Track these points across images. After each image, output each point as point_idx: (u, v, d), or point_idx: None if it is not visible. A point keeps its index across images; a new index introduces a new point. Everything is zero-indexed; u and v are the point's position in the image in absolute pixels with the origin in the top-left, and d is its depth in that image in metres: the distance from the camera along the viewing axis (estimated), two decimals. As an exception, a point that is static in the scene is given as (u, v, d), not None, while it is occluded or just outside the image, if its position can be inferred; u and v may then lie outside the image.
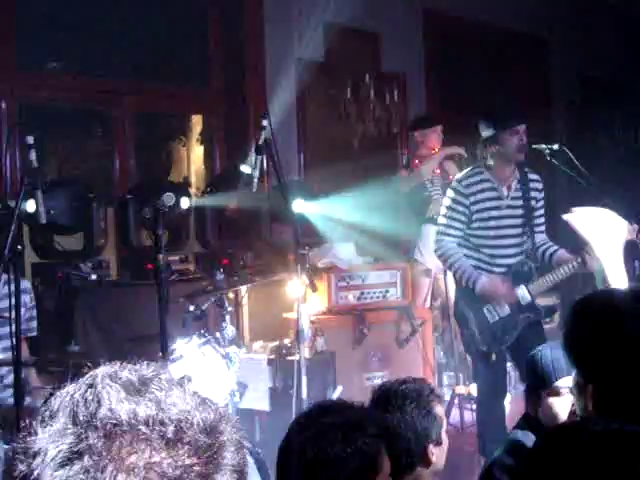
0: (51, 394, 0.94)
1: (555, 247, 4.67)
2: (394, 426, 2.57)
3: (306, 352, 5.24)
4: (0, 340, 3.96)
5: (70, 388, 0.91)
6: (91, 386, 0.91)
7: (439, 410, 2.78)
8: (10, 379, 3.72)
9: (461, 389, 5.79)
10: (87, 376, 0.93)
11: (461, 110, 7.37)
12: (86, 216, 5.00)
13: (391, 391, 2.74)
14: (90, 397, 0.89)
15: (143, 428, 0.87)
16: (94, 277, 5.02)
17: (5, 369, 3.90)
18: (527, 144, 4.53)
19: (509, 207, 4.61)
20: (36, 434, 0.88)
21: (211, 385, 4.19)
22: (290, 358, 5.24)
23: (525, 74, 8.22)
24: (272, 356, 5.43)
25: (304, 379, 4.53)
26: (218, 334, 4.52)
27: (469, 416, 5.43)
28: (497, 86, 7.77)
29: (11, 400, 3.58)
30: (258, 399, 5.10)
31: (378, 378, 5.54)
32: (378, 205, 6.76)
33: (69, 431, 0.87)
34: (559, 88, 8.47)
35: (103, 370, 0.94)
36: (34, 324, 4.15)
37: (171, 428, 0.88)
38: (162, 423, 0.88)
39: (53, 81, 5.68)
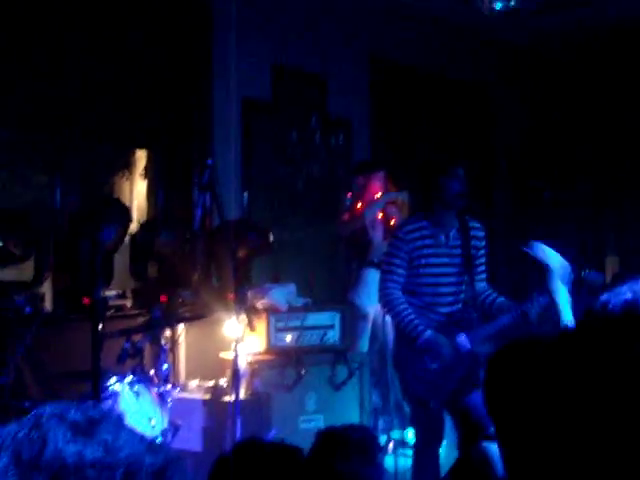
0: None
1: (496, 295, 4.70)
2: (340, 474, 2.57)
3: (242, 393, 5.21)
4: None
5: (13, 427, 0.88)
6: (36, 426, 0.88)
7: (381, 460, 2.78)
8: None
9: (396, 434, 5.79)
10: (31, 415, 0.90)
11: (405, 156, 7.47)
12: (36, 248, 4.92)
13: (336, 439, 2.72)
14: (35, 437, 0.86)
15: (90, 471, 0.84)
16: (28, 310, 4.91)
17: None
18: (467, 190, 4.57)
19: (447, 255, 4.63)
20: None
21: (143, 424, 4.11)
22: (225, 399, 5.18)
23: (469, 122, 8.38)
24: (207, 396, 5.37)
25: (238, 420, 4.50)
26: (153, 372, 4.46)
27: (403, 462, 5.42)
28: (441, 133, 7.90)
29: None
30: (191, 439, 5.03)
31: (314, 421, 5.51)
32: (319, 247, 6.79)
33: (11, 472, 0.84)
34: (502, 136, 8.65)
35: (49, 409, 0.91)
36: None
37: (119, 472, 0.86)
38: (110, 467, 0.85)
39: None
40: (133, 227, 6.54)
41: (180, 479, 0.91)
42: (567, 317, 3.23)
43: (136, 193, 6.63)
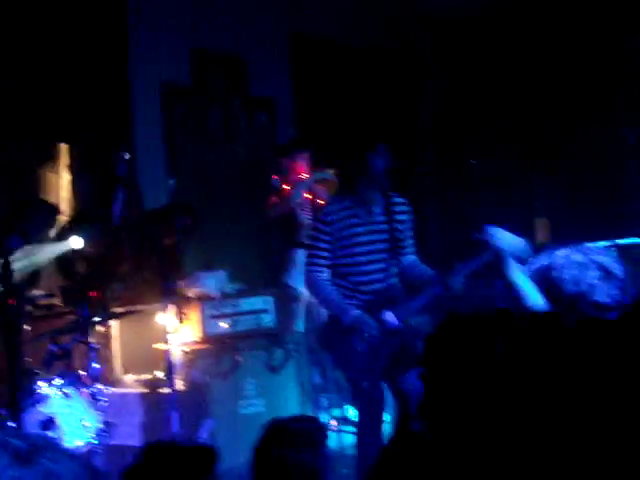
0: None
1: (423, 269, 4.70)
2: (291, 464, 2.59)
3: (179, 384, 5.18)
4: None
5: None
6: None
7: (328, 449, 2.81)
8: None
9: (337, 412, 5.81)
10: None
11: (332, 133, 7.42)
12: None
13: (284, 430, 2.73)
14: None
15: None
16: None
17: None
18: (391, 167, 4.56)
19: (373, 232, 4.63)
20: None
21: (75, 426, 4.06)
22: (162, 391, 5.15)
23: (395, 94, 8.34)
24: (145, 390, 5.33)
25: (174, 413, 4.48)
26: (83, 372, 4.39)
27: (346, 438, 5.44)
28: (367, 107, 7.86)
29: None
30: (130, 435, 4.99)
31: (254, 406, 5.51)
32: (249, 231, 6.76)
33: None
34: (429, 108, 8.63)
35: None
36: None
37: None
38: None
39: None
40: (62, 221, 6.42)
41: None
42: (533, 299, 3.27)
43: (64, 186, 6.51)
